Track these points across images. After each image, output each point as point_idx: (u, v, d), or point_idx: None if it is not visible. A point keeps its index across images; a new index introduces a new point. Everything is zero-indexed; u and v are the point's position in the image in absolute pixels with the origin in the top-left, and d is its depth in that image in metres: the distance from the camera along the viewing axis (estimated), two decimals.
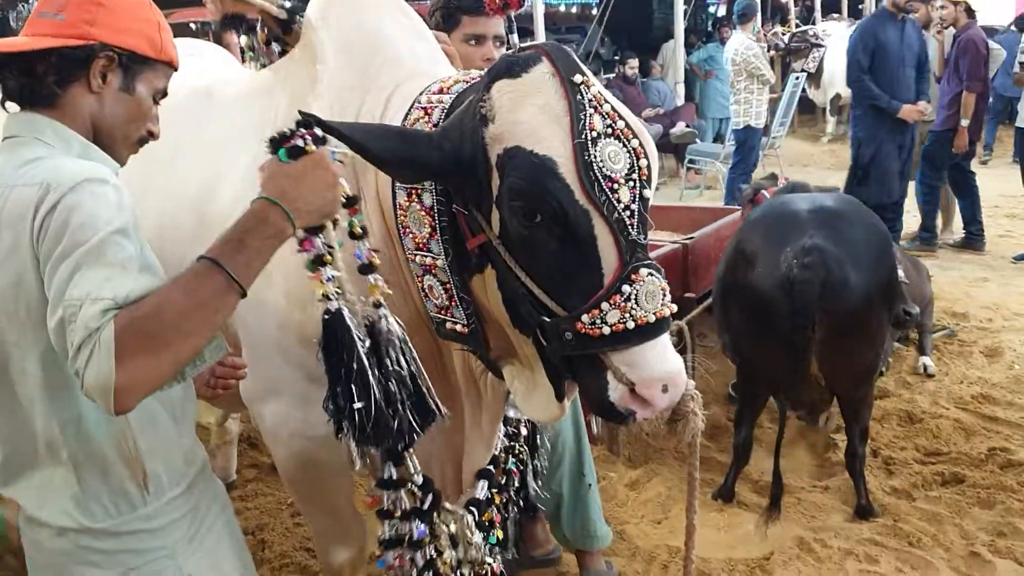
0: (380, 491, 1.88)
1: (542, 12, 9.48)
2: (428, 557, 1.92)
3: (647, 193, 1.66)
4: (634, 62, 10.96)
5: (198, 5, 3.12)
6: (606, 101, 1.66)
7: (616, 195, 1.60)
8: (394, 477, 1.85)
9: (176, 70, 1.68)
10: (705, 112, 10.91)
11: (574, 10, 36.03)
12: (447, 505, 1.96)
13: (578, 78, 1.65)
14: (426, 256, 1.85)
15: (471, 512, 2.06)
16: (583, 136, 1.59)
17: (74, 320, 1.29)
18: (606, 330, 1.61)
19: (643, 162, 1.65)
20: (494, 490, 2.23)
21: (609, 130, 1.63)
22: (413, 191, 1.82)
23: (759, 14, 8.87)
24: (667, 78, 11.82)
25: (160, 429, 1.59)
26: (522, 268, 1.69)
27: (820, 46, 11.79)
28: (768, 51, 8.85)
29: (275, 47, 2.56)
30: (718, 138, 10.92)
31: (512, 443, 2.36)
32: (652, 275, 1.64)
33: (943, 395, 4.67)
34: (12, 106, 1.59)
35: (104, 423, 1.51)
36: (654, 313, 1.63)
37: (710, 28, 24.77)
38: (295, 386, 2.07)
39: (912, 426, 4.36)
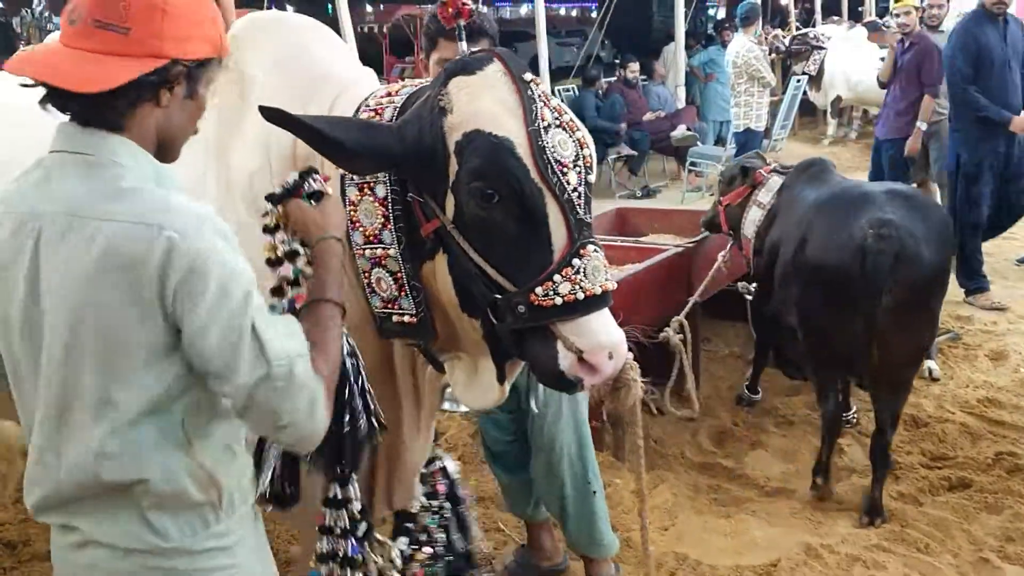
0: (325, 509, 1.92)
1: (543, 16, 9.50)
2: (351, 559, 1.97)
3: (591, 178, 1.84)
4: (635, 66, 10.95)
5: None
6: (552, 97, 1.84)
7: (566, 178, 1.76)
8: (339, 497, 1.90)
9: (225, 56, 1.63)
10: (706, 115, 10.90)
11: (574, 13, 36.12)
12: (379, 536, 2.03)
13: (527, 76, 1.82)
14: (376, 248, 1.95)
15: (399, 547, 2.13)
16: (536, 125, 1.75)
17: (288, 378, 1.41)
18: (558, 300, 1.73)
19: (586, 151, 1.82)
20: (414, 547, 2.27)
21: (557, 121, 1.79)
22: (365, 185, 1.93)
23: (760, 17, 8.85)
24: (668, 81, 11.82)
25: (221, 440, 1.57)
26: (475, 249, 1.80)
27: (821, 48, 11.79)
28: (769, 54, 8.83)
29: None
30: (719, 141, 10.90)
31: (431, 501, 2.38)
32: (596, 251, 1.79)
33: (948, 399, 4.65)
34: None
35: (181, 443, 1.50)
36: (600, 286, 1.76)
37: (710, 31, 24.84)
38: None
39: (918, 430, 4.34)
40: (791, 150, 11.33)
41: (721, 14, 29.61)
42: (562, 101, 8.06)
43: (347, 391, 1.76)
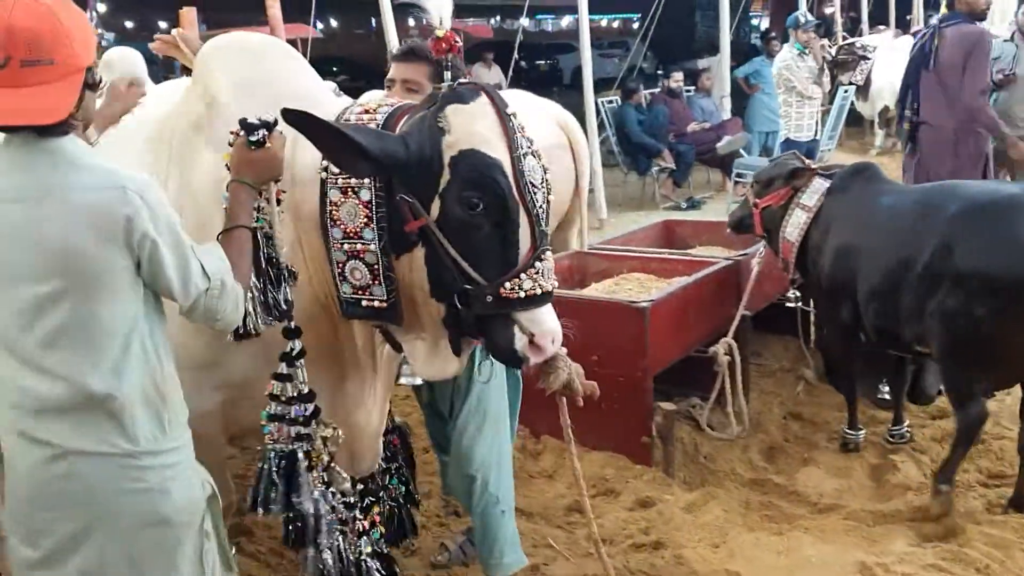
0: (273, 381, 2.32)
1: (587, 28, 9.50)
2: (302, 433, 2.33)
3: (551, 198, 2.26)
4: (679, 75, 10.90)
5: None
6: (524, 128, 2.21)
7: (536, 196, 2.17)
8: (284, 372, 2.31)
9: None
10: (751, 126, 10.79)
11: (615, 24, 36.15)
12: (324, 419, 2.37)
13: (509, 110, 2.19)
14: (356, 243, 2.28)
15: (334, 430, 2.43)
16: (518, 152, 2.15)
17: (219, 290, 1.92)
18: (522, 294, 2.15)
19: (548, 175, 2.24)
20: (370, 498, 2.70)
21: (530, 150, 2.19)
22: (349, 188, 2.26)
23: (806, 28, 8.77)
24: (713, 92, 11.73)
25: (167, 373, 1.98)
26: (454, 246, 2.15)
27: (867, 58, 11.62)
28: (819, 64, 8.76)
29: None
30: (764, 152, 10.81)
31: (389, 463, 2.88)
32: (550, 257, 2.22)
33: (1004, 415, 4.53)
34: None
35: (144, 370, 1.89)
36: (551, 284, 2.21)
37: (753, 41, 24.67)
38: (185, 370, 2.34)
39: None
40: (838, 161, 11.18)
41: (764, 24, 29.51)
42: (606, 114, 8.10)
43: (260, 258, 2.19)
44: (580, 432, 4.14)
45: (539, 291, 2.17)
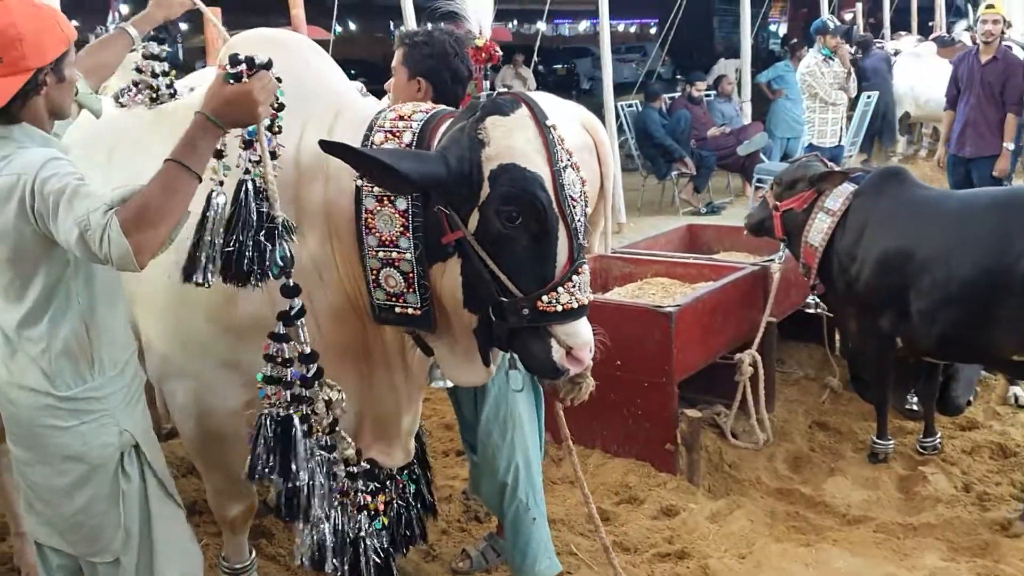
0: (269, 340, 2.26)
1: (608, 33, 9.45)
2: (303, 396, 2.29)
3: (588, 211, 2.28)
4: (702, 84, 10.81)
5: None
6: (563, 140, 2.18)
7: (575, 210, 2.15)
8: (281, 332, 2.25)
9: (74, 37, 2.14)
10: (773, 131, 10.70)
11: (632, 29, 36.10)
12: (328, 380, 2.32)
13: (549, 122, 2.16)
14: (391, 251, 2.26)
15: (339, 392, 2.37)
16: (558, 165, 2.12)
17: (88, 227, 1.87)
18: (559, 308, 2.13)
19: (586, 188, 2.22)
20: (375, 484, 2.62)
21: (569, 163, 2.16)
22: (385, 197, 2.22)
23: (831, 34, 8.69)
24: (733, 97, 11.65)
25: (101, 325, 2.19)
26: (491, 259, 2.13)
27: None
28: (845, 70, 8.69)
29: None
30: (786, 158, 10.72)
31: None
32: (586, 271, 2.19)
33: None
34: None
35: (70, 322, 2.13)
36: (587, 298, 2.19)
37: (771, 47, 24.58)
38: (212, 369, 2.51)
39: (1006, 460, 4.17)
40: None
41: (783, 30, 29.41)
42: (625, 118, 8.03)
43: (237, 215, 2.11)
44: (603, 438, 4.17)
45: (576, 305, 2.15)
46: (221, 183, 2.14)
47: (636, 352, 3.85)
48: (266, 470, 2.28)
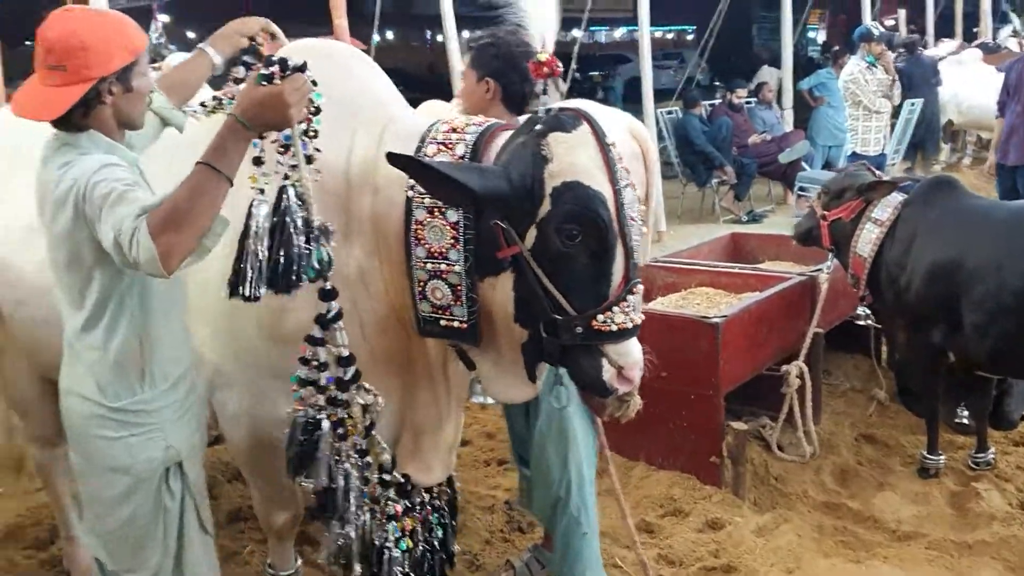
0: (305, 343, 2.26)
1: (648, 39, 9.41)
2: (338, 399, 2.29)
3: (644, 230, 2.29)
4: (743, 91, 10.73)
5: None
6: (622, 159, 2.17)
7: (633, 229, 2.14)
8: (318, 336, 2.25)
9: (144, 47, 2.15)
10: (815, 139, 10.58)
11: (670, 36, 35.96)
12: (366, 384, 2.31)
13: (609, 139, 2.14)
14: (440, 263, 2.23)
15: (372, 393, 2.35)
16: (618, 184, 2.11)
17: (121, 232, 1.85)
18: (613, 327, 2.12)
19: (642, 207, 2.24)
20: (406, 502, 2.58)
21: (628, 181, 2.15)
22: (436, 209, 2.21)
23: (876, 40, 8.57)
24: (773, 104, 11.54)
25: (155, 338, 2.19)
26: (547, 276, 2.11)
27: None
28: (890, 78, 8.57)
29: None
30: (827, 165, 10.60)
31: (434, 499, 2.72)
32: (640, 290, 2.19)
33: None
34: None
35: (124, 333, 2.14)
36: (640, 318, 2.17)
37: (810, 55, 24.35)
38: (261, 379, 2.51)
39: None
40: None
41: (822, 37, 29.13)
42: (665, 124, 8.01)
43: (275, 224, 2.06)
44: (648, 451, 4.13)
45: (629, 325, 2.14)
46: (262, 191, 2.10)
47: (681, 363, 3.81)
48: (297, 468, 2.29)
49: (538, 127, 2.14)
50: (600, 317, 2.11)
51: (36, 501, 4.08)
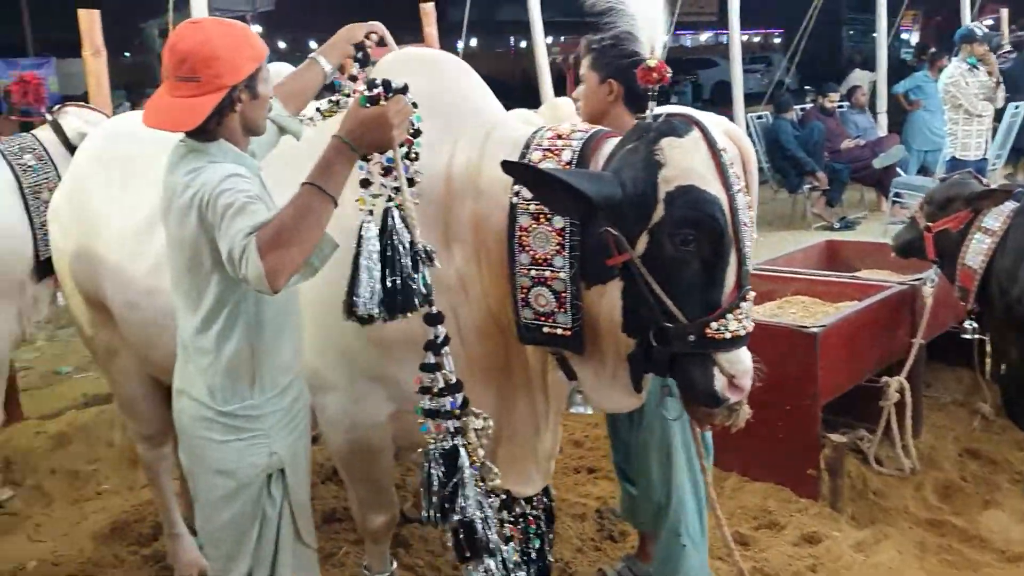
0: (421, 373, 2.24)
1: (739, 44, 9.30)
2: (459, 427, 2.24)
3: (754, 235, 2.26)
4: (835, 95, 10.50)
5: None
6: (734, 164, 2.14)
7: (746, 235, 2.11)
8: (431, 362, 2.22)
9: (266, 54, 2.20)
10: (910, 144, 10.30)
11: (756, 39, 35.44)
12: (474, 408, 2.27)
13: (719, 145, 2.11)
14: (544, 270, 2.23)
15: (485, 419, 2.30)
16: (732, 188, 2.07)
17: (233, 247, 1.89)
18: (727, 335, 2.08)
19: (752, 213, 2.23)
20: (511, 520, 2.57)
21: (740, 186, 2.11)
22: (542, 215, 2.21)
23: (979, 41, 8.28)
24: (866, 108, 11.27)
25: (266, 347, 2.22)
26: (658, 283, 2.08)
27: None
28: (993, 80, 8.27)
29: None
30: (922, 171, 10.31)
31: (533, 509, 2.69)
32: (752, 297, 2.15)
33: None
34: None
35: (236, 340, 2.17)
36: (752, 325, 2.14)
37: (903, 57, 23.69)
38: (360, 383, 2.55)
39: None
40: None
41: (915, 39, 28.30)
42: (754, 129, 7.90)
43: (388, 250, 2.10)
44: (742, 462, 4.06)
45: (743, 332, 2.11)
46: (371, 212, 2.14)
47: (778, 373, 3.64)
48: (444, 507, 2.20)
49: (650, 132, 2.12)
50: (714, 325, 2.07)
51: (140, 498, 4.23)
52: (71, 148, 4.28)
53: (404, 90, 2.08)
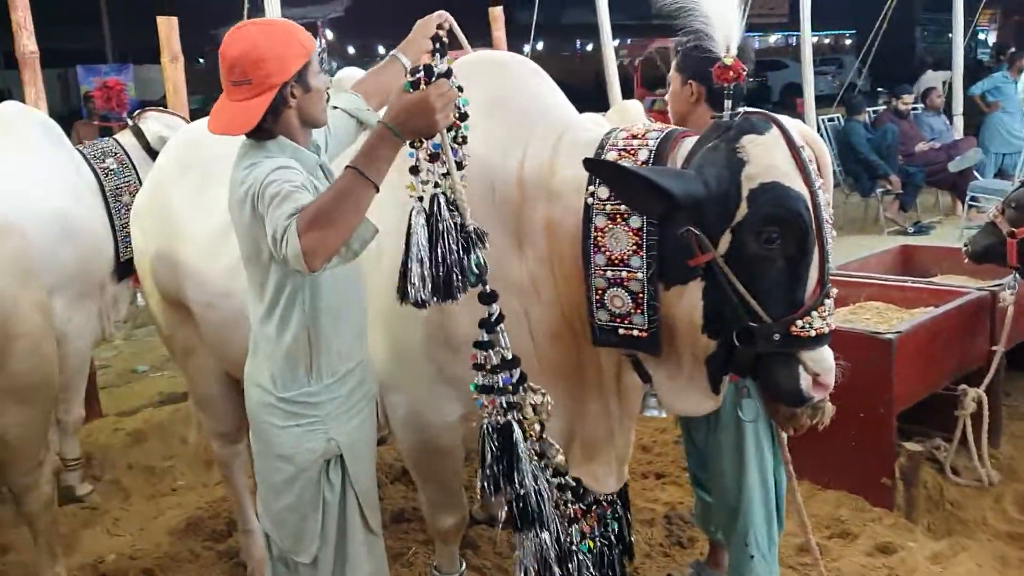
0: (475, 350, 2.24)
1: (810, 44, 9.16)
2: (512, 402, 2.23)
3: (833, 233, 2.22)
4: (909, 98, 10.25)
5: None
6: (813, 161, 2.14)
7: (828, 233, 2.11)
8: (485, 339, 2.22)
9: (315, 48, 2.24)
10: (987, 146, 10.03)
11: (827, 41, 34.87)
12: (532, 384, 2.26)
13: (798, 142, 2.09)
14: (621, 271, 2.21)
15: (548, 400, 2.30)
16: (812, 186, 2.06)
17: (276, 230, 1.93)
18: (812, 333, 2.06)
19: (831, 211, 2.22)
20: (582, 505, 2.53)
21: (820, 183, 2.10)
22: (618, 215, 2.20)
23: None
24: (941, 110, 11.00)
25: (324, 335, 2.26)
26: (741, 282, 2.06)
27: None
28: None
29: None
30: (1000, 174, 10.03)
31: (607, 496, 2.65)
32: (834, 294, 2.14)
33: None
34: None
35: (295, 327, 2.23)
36: (834, 323, 2.13)
37: (979, 57, 23.08)
38: (431, 384, 2.56)
39: None
40: None
41: (992, 39, 27.56)
42: (826, 131, 7.77)
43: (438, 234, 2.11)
44: (814, 469, 3.99)
45: (826, 330, 2.09)
46: (420, 199, 2.14)
47: (852, 380, 3.60)
48: (498, 481, 2.23)
49: (730, 131, 2.10)
50: (799, 323, 2.06)
51: (214, 495, 4.33)
52: (151, 152, 4.41)
53: (448, 74, 2.08)
